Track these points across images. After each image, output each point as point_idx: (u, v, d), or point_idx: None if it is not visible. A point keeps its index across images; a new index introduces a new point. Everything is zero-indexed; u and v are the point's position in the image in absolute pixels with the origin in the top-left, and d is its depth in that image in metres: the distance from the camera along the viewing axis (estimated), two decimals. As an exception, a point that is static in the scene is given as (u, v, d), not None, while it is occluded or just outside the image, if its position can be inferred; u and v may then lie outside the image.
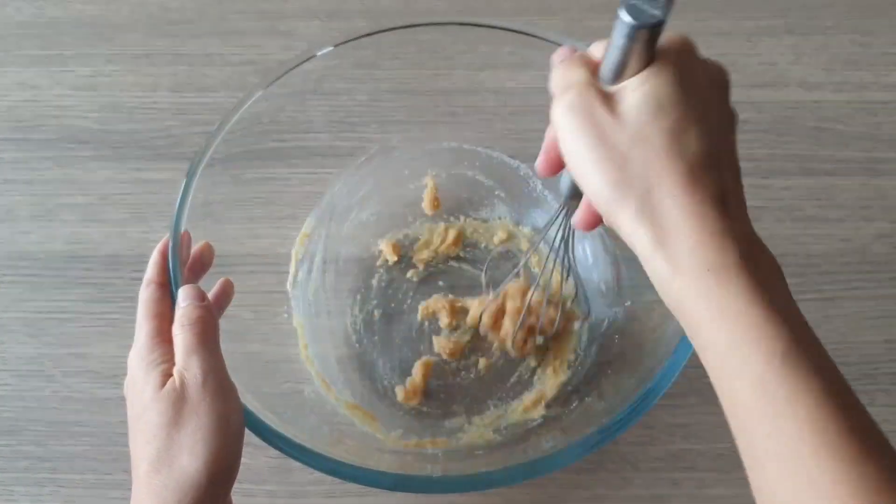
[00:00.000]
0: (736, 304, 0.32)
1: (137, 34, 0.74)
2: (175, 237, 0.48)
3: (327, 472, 0.44)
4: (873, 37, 0.72)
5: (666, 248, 0.33)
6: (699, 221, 0.32)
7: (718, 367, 0.33)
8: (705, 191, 0.33)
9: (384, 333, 0.61)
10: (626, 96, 0.34)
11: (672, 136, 0.33)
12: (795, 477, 0.30)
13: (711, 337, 0.32)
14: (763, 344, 0.31)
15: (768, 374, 0.31)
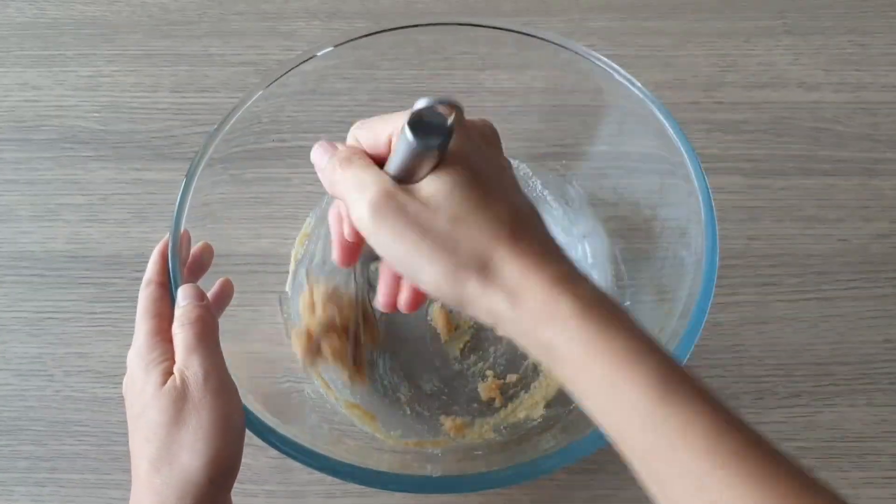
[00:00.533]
0: (604, 344, 0.32)
1: (138, 35, 0.74)
2: (175, 237, 0.48)
3: (327, 471, 0.44)
4: (872, 37, 0.72)
5: (524, 306, 0.33)
6: (542, 275, 0.33)
7: (605, 412, 0.33)
8: (532, 246, 0.34)
9: (384, 333, 0.61)
10: (426, 188, 0.34)
11: (483, 208, 0.34)
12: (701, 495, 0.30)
13: (588, 382, 0.33)
14: (640, 381, 0.31)
15: (653, 411, 0.31)
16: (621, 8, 0.75)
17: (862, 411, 0.58)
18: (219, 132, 0.52)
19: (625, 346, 0.32)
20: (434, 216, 0.34)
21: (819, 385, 0.59)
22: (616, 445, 0.33)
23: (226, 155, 0.53)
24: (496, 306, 0.34)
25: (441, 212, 0.34)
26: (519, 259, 0.34)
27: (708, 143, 0.67)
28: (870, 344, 0.60)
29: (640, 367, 0.31)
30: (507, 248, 0.34)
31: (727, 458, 0.29)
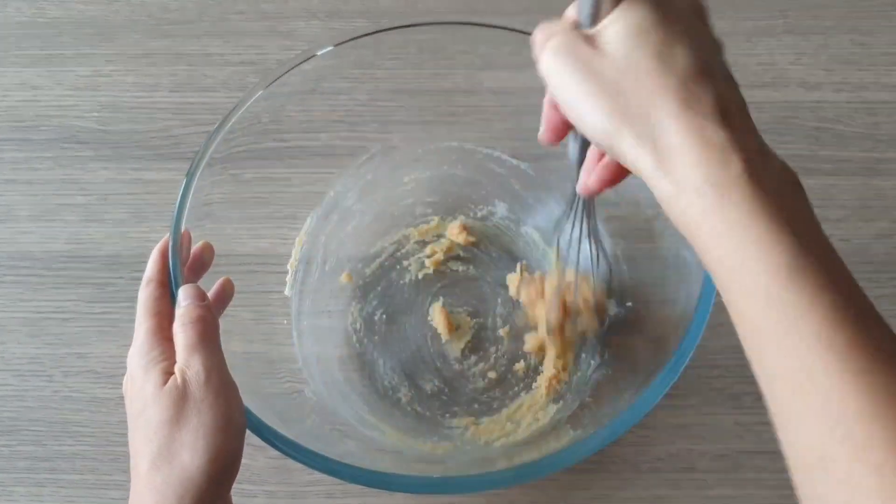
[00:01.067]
0: (740, 218, 0.31)
1: (138, 34, 0.74)
2: (175, 236, 0.48)
3: (328, 472, 0.44)
4: (873, 37, 0.72)
5: (668, 167, 0.32)
6: (699, 136, 0.31)
7: (727, 286, 0.32)
8: (702, 104, 0.32)
9: (385, 334, 0.61)
10: (606, 31, 0.34)
11: (658, 56, 0.33)
12: (806, 396, 0.29)
13: (718, 254, 0.31)
14: (768, 258, 0.30)
15: (774, 290, 0.30)
16: (622, 7, 0.74)
17: (863, 412, 0.58)
18: (219, 132, 0.52)
19: (762, 221, 0.30)
20: (604, 61, 0.33)
21: (820, 385, 0.59)
22: (735, 323, 0.32)
23: (226, 155, 0.53)
24: (641, 162, 0.33)
25: (611, 57, 0.33)
26: (683, 116, 0.32)
27: (709, 142, 0.67)
28: (871, 344, 0.60)
29: (770, 246, 0.30)
30: (674, 102, 0.32)
31: (833, 351, 0.29)
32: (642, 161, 0.33)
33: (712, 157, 0.31)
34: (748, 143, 0.32)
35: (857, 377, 0.28)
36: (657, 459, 0.57)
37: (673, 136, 0.32)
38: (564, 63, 0.34)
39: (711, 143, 0.31)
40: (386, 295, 0.62)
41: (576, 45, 0.34)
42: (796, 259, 0.30)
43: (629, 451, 0.57)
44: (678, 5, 0.34)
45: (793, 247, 0.30)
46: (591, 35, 0.34)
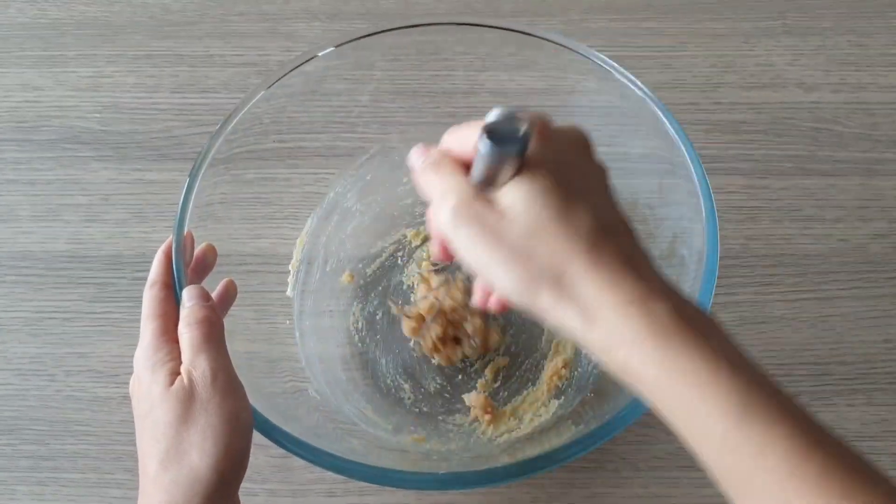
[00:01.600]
0: (681, 365, 0.31)
1: (139, 35, 0.74)
2: (178, 237, 0.48)
3: (334, 469, 0.44)
4: (871, 38, 0.73)
5: (597, 325, 0.33)
6: (618, 292, 0.32)
7: (685, 433, 0.32)
8: (612, 261, 0.33)
9: (386, 333, 0.62)
10: (507, 195, 0.34)
11: (562, 219, 0.34)
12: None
13: (668, 404, 0.32)
14: (717, 402, 0.30)
15: (731, 433, 0.30)
16: (621, 8, 0.75)
17: (861, 411, 0.58)
18: (221, 132, 0.52)
19: (704, 366, 0.31)
20: (510, 226, 0.34)
21: (818, 385, 0.59)
22: (704, 467, 0.32)
23: (228, 155, 0.53)
24: (569, 322, 0.33)
25: (517, 223, 0.34)
26: (595, 274, 0.33)
27: (707, 143, 0.67)
28: (869, 344, 0.60)
29: (719, 388, 0.30)
30: (584, 262, 0.33)
31: (808, 483, 0.29)
32: (569, 320, 0.33)
33: (636, 311, 0.32)
34: (663, 289, 0.33)
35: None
36: (656, 458, 0.57)
37: (592, 294, 0.33)
38: (469, 228, 0.34)
39: (631, 296, 0.32)
40: (387, 294, 0.63)
41: (478, 208, 0.34)
42: (746, 397, 0.30)
43: (629, 449, 0.58)
44: (567, 157, 0.35)
45: (738, 386, 0.30)
46: (491, 198, 0.35)
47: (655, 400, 0.32)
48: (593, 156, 0.37)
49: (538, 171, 0.34)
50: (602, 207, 0.35)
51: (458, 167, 0.37)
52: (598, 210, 0.35)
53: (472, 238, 0.34)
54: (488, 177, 0.35)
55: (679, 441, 0.33)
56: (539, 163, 0.34)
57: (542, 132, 0.35)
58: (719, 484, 0.32)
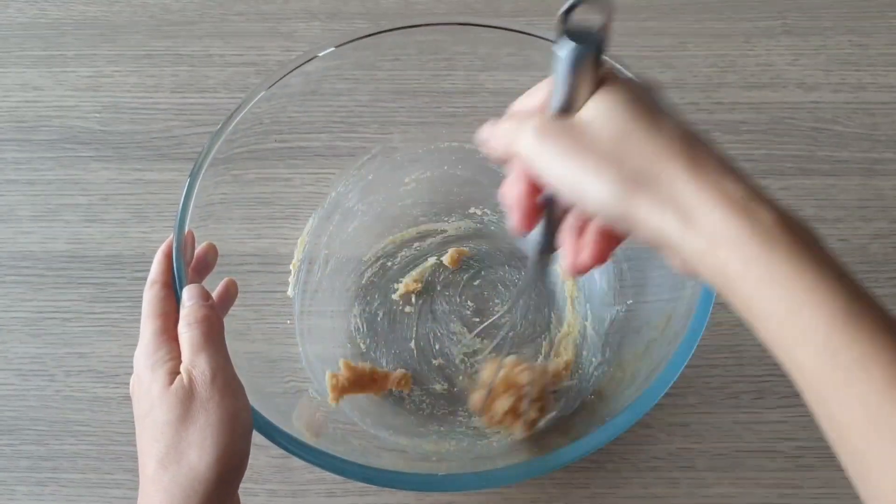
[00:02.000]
0: (786, 268, 0.30)
1: (139, 35, 0.74)
2: (179, 237, 0.48)
3: (332, 469, 0.44)
4: (871, 38, 0.73)
5: (697, 226, 0.31)
6: (720, 192, 0.31)
7: (777, 337, 0.31)
8: (710, 162, 0.32)
9: (387, 333, 0.62)
10: (588, 112, 0.33)
11: (652, 123, 0.33)
12: (884, 443, 0.28)
13: (766, 306, 0.31)
14: (824, 306, 0.29)
15: (833, 338, 0.29)
16: (621, 8, 0.75)
17: (861, 411, 0.58)
18: (222, 132, 0.52)
19: (811, 270, 0.30)
20: (599, 133, 0.33)
21: (818, 384, 0.59)
22: (790, 376, 0.31)
23: (228, 156, 0.53)
24: (666, 225, 0.32)
25: (606, 129, 0.33)
26: (694, 174, 0.31)
27: (707, 143, 0.67)
28: (869, 343, 0.60)
29: (826, 291, 0.29)
30: (682, 162, 0.32)
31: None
32: (667, 223, 0.32)
33: (740, 212, 0.31)
34: (761, 193, 0.32)
35: None
36: (656, 458, 0.57)
37: (693, 194, 0.31)
38: (554, 142, 0.33)
39: (734, 198, 0.31)
40: (388, 295, 0.63)
41: (562, 125, 0.34)
42: (851, 304, 0.29)
43: (628, 449, 0.58)
44: (638, 83, 0.35)
45: (845, 293, 0.29)
46: (570, 121, 0.34)
47: (751, 303, 0.31)
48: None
49: (617, 85, 0.33)
50: (685, 121, 0.34)
51: (524, 111, 0.36)
52: (684, 122, 0.34)
53: (560, 150, 0.33)
54: (568, 94, 0.33)
55: (679, 441, 0.33)
56: (615, 79, 0.34)
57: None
58: (809, 393, 0.30)
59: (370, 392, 0.58)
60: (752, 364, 0.60)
